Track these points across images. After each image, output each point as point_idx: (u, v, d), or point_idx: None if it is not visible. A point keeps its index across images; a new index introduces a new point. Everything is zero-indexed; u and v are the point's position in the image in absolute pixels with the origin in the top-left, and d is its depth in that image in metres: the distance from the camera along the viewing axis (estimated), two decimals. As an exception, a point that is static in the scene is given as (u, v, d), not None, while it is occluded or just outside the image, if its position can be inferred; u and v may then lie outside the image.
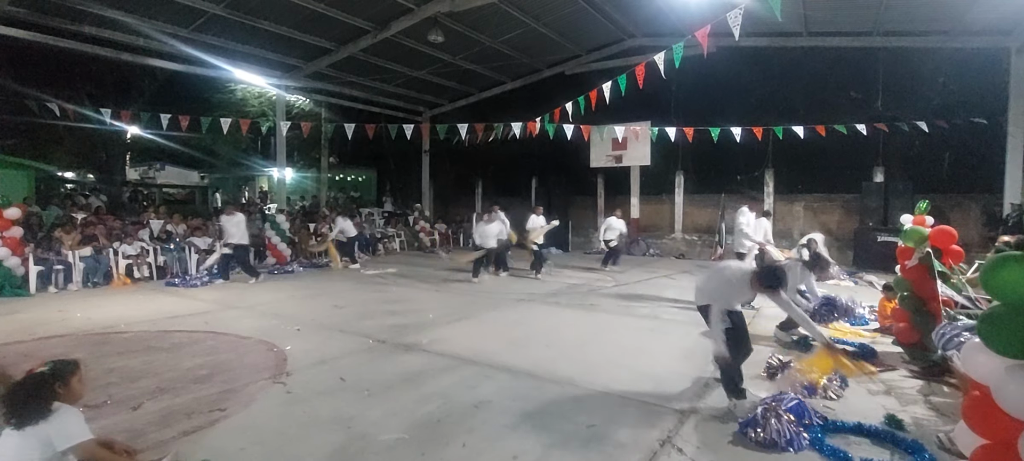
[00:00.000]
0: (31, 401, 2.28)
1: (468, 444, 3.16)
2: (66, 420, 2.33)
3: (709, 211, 14.56)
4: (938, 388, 4.13)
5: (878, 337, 5.61)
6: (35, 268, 8.36)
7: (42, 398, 2.30)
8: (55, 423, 2.29)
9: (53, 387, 2.36)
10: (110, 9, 9.76)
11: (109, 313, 6.80)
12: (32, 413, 2.26)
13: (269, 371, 4.47)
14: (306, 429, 3.36)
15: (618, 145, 14.38)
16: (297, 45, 12.51)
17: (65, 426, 2.31)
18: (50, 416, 2.29)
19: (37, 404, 2.28)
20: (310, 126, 12.99)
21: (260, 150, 22.46)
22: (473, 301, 7.77)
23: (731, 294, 3.78)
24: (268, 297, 8.05)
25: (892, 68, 12.09)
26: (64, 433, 2.29)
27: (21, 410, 2.25)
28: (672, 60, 6.33)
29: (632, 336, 5.72)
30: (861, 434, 3.29)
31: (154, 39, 11.06)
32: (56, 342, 5.37)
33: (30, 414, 2.25)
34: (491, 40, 13.21)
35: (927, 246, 4.70)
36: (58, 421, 2.30)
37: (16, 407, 2.26)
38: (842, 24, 11.35)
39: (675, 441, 3.20)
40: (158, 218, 11.33)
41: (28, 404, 2.27)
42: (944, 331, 3.52)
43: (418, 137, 17.31)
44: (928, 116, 11.03)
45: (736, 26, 4.87)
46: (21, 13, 9.31)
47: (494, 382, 4.23)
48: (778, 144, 12.68)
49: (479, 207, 18.75)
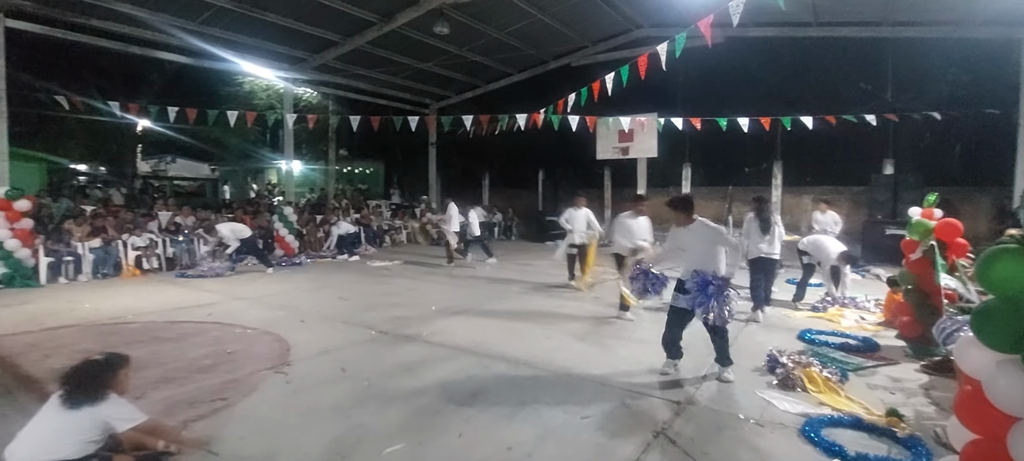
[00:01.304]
0: (91, 385, 2.47)
1: (464, 434, 3.19)
2: (122, 405, 2.55)
3: (716, 203, 14.43)
4: (942, 382, 4.09)
5: (881, 331, 5.56)
6: (45, 259, 8.51)
7: (100, 384, 2.50)
8: (111, 407, 2.48)
9: (108, 375, 2.56)
10: (118, 2, 9.84)
11: (117, 304, 6.91)
12: (90, 396, 2.44)
13: (272, 361, 4.53)
14: (306, 418, 3.41)
15: (625, 137, 14.29)
16: (304, 38, 12.54)
17: (121, 410, 2.51)
18: (106, 400, 2.48)
19: (95, 389, 2.47)
20: (316, 118, 13.04)
21: (269, 143, 22.63)
22: (476, 293, 7.80)
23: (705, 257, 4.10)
24: (275, 289, 8.14)
25: (902, 59, 11.87)
26: (122, 414, 2.50)
27: (79, 391, 2.44)
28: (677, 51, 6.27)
29: (632, 328, 5.72)
30: (858, 429, 3.28)
31: (162, 32, 11.14)
32: (64, 332, 5.47)
33: (88, 396, 2.43)
34: (497, 31, 13.15)
35: (931, 239, 4.66)
36: (113, 406, 2.50)
37: (75, 387, 2.44)
38: (852, 14, 11.17)
39: (668, 433, 3.21)
40: (167, 210, 11.47)
41: (87, 387, 2.45)
42: (944, 325, 3.49)
43: (425, 130, 17.33)
44: (939, 107, 10.84)
45: (736, 14, 4.81)
46: (29, 6, 9.41)
47: (492, 372, 4.26)
48: (787, 136, 12.53)
49: (486, 199, 18.80)
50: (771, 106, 11.05)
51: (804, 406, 3.57)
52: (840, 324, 5.86)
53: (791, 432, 3.23)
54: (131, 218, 10.59)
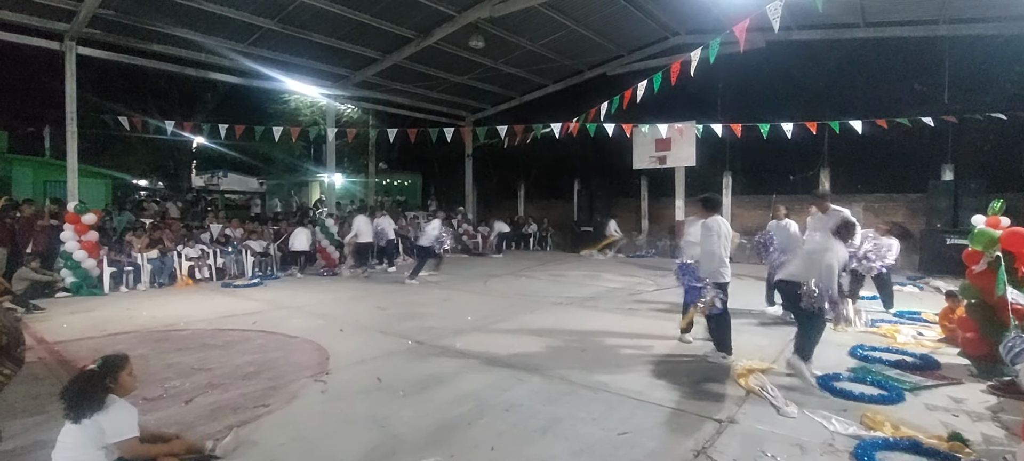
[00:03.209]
0: (85, 396, 2.47)
1: (497, 448, 3.17)
2: (118, 415, 2.52)
3: (759, 213, 13.96)
4: (1013, 405, 3.78)
5: (942, 347, 5.21)
6: (108, 269, 9.07)
7: (96, 392, 2.50)
8: (109, 415, 2.48)
9: (104, 382, 2.55)
10: (176, 27, 10.48)
11: (171, 311, 7.28)
12: (87, 406, 2.45)
13: (312, 370, 4.65)
14: (343, 427, 3.47)
15: (662, 145, 14.05)
16: (345, 55, 12.98)
17: (117, 421, 2.50)
18: (105, 408, 2.49)
19: (91, 398, 2.47)
20: (355, 132, 13.43)
21: (313, 157, 23.48)
22: (512, 304, 7.80)
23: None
24: (317, 298, 8.38)
25: (960, 58, 11.21)
26: (115, 427, 2.48)
27: (77, 404, 2.45)
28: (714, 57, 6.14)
29: (671, 342, 5.57)
30: (917, 453, 3.06)
31: (215, 54, 11.80)
32: (123, 338, 5.79)
33: (85, 407, 2.45)
34: (531, 43, 13.24)
35: (997, 249, 4.34)
36: (112, 414, 2.50)
37: (72, 401, 2.46)
38: (903, 13, 10.66)
39: (710, 452, 3.09)
40: (218, 222, 12.03)
41: (82, 398, 2.46)
42: (1012, 343, 3.24)
43: (461, 142, 17.58)
44: (1003, 108, 10.16)
45: (776, 18, 4.66)
46: (97, 35, 10.14)
47: (527, 385, 4.23)
48: (834, 142, 12.04)
49: (522, 209, 18.86)
50: (816, 111, 10.65)
51: (856, 427, 3.37)
52: (895, 340, 5.52)
53: (842, 454, 3.05)
54: (185, 230, 11.17)
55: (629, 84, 7.60)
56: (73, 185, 9.79)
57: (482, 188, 19.75)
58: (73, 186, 9.78)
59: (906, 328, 5.97)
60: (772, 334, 5.93)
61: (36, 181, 14.01)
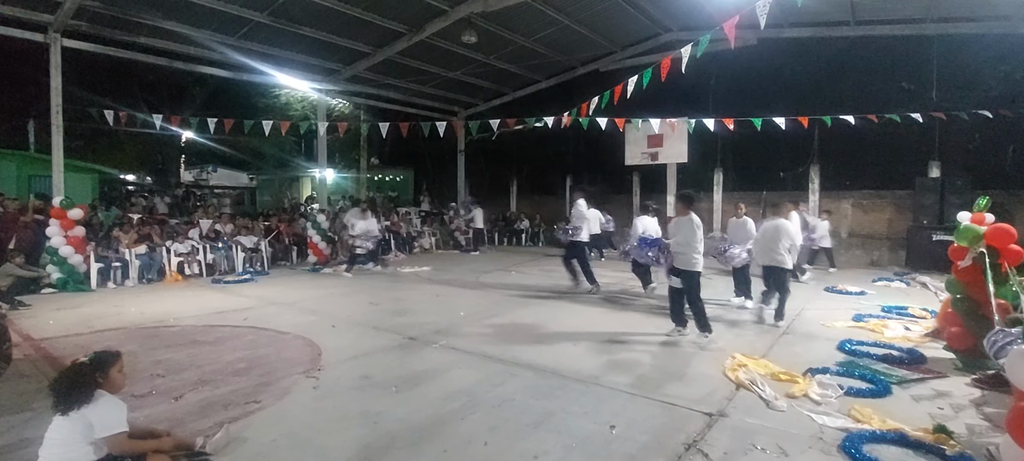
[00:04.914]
0: (74, 388, 2.46)
1: (490, 443, 3.18)
2: (107, 409, 2.51)
3: (749, 209, 14.01)
4: (996, 398, 3.85)
5: (927, 342, 5.29)
6: (96, 265, 8.95)
7: (84, 386, 2.48)
8: (98, 409, 2.47)
9: (94, 376, 2.54)
10: (164, 20, 10.32)
11: (160, 308, 7.20)
12: (75, 399, 2.44)
13: (304, 366, 4.63)
14: (335, 423, 3.46)
15: (654, 142, 14.07)
16: (336, 49, 12.87)
17: (105, 414, 2.48)
18: (93, 401, 2.47)
19: (79, 391, 2.46)
20: (346, 127, 13.33)
21: (304, 152, 23.29)
22: (504, 299, 7.81)
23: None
24: (308, 294, 8.33)
25: (948, 57, 11.31)
26: (104, 421, 2.46)
27: (65, 396, 2.44)
28: (704, 54, 6.17)
29: (662, 338, 5.61)
30: (903, 445, 3.12)
31: (204, 47, 11.64)
32: (111, 335, 5.73)
33: (73, 400, 2.43)
34: (524, 39, 13.20)
35: (981, 245, 4.42)
36: (100, 408, 2.48)
37: (61, 394, 2.45)
38: (892, 12, 10.76)
39: (701, 446, 3.13)
40: (207, 218, 11.91)
41: (71, 391, 2.45)
42: (995, 337, 3.29)
43: (454, 138, 17.52)
44: (989, 106, 10.30)
45: (763, 16, 4.69)
46: (83, 26, 9.97)
47: (519, 380, 4.24)
48: (824, 139, 12.13)
49: (514, 205, 18.86)
50: (807, 108, 10.71)
51: (843, 420, 3.42)
52: (883, 335, 5.60)
53: (830, 447, 3.10)
54: (174, 226, 11.05)
55: (621, 80, 7.62)
56: (59, 180, 9.63)
57: (474, 184, 19.70)
58: (59, 181, 9.62)
59: (894, 323, 6.05)
60: (760, 330, 6.00)
61: (20, 176, 13.75)
